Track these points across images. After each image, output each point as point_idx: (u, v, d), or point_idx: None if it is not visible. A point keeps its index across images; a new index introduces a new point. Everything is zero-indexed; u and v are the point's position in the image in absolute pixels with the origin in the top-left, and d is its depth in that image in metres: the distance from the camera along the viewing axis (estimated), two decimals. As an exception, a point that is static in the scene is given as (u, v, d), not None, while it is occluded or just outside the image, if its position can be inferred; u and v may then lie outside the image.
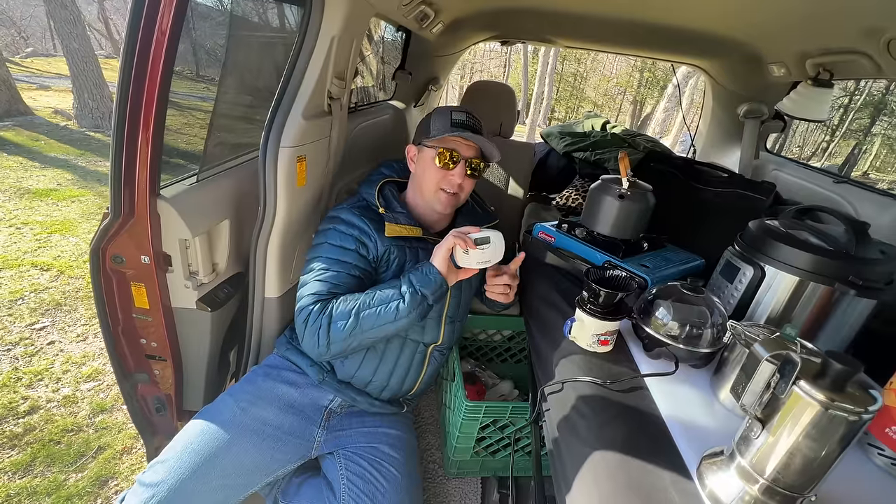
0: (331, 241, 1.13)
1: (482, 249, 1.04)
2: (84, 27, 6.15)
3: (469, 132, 1.12)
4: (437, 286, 1.05)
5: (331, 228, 1.15)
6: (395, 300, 1.04)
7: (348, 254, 1.12)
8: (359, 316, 1.03)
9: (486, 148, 1.16)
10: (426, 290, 1.04)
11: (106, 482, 1.50)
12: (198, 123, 3.79)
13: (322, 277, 1.09)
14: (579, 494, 0.68)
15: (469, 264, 1.06)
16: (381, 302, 1.04)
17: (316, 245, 1.16)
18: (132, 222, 0.99)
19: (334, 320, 1.04)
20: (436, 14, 1.74)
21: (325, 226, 1.17)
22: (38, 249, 2.92)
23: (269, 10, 1.46)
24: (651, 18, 1.70)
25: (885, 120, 12.49)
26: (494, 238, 1.04)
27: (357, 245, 1.13)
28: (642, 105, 20.39)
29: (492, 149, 1.15)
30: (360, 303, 1.05)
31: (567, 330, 0.97)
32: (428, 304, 1.06)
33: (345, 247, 1.12)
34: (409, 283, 1.05)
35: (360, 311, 1.04)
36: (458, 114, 1.17)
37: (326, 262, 1.11)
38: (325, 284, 1.09)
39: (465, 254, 1.03)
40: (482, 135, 1.16)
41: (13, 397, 1.78)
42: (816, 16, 1.28)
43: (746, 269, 0.97)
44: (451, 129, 1.12)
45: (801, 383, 0.54)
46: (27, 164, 4.47)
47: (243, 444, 1.08)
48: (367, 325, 1.04)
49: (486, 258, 1.05)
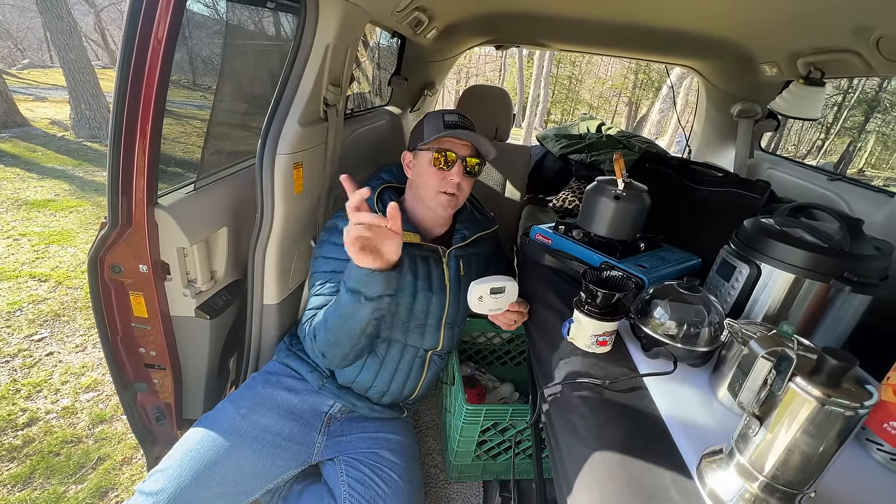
0: (325, 254, 1.17)
1: (496, 298, 1.08)
2: (80, 38, 6.16)
3: (462, 130, 1.13)
4: (361, 273, 0.93)
5: (325, 241, 1.18)
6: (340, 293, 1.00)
7: (343, 265, 1.12)
8: (326, 320, 1.04)
9: (481, 145, 1.17)
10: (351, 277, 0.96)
11: (106, 493, 1.49)
12: (195, 132, 3.80)
13: (318, 292, 1.14)
14: (580, 495, 0.68)
15: (482, 310, 1.10)
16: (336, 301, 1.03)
17: (314, 258, 1.20)
18: (130, 231, 0.99)
19: (317, 330, 1.08)
20: (430, 20, 1.75)
21: (322, 237, 1.20)
22: (35, 260, 2.92)
23: (265, 18, 1.48)
24: (643, 21, 1.71)
25: (878, 117, 12.57)
26: (510, 287, 1.09)
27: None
28: (637, 107, 20.49)
29: (486, 145, 1.16)
30: (327, 307, 1.06)
31: (565, 331, 0.98)
32: (361, 291, 0.95)
33: (340, 258, 1.13)
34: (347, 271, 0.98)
35: (327, 317, 1.05)
36: (449, 115, 1.18)
37: (323, 277, 1.15)
38: (320, 298, 1.13)
39: (480, 301, 1.07)
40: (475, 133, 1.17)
41: (12, 409, 1.77)
42: (807, 15, 1.29)
43: (742, 267, 0.98)
44: (445, 130, 1.13)
45: (797, 380, 0.54)
46: (24, 175, 4.47)
47: (243, 451, 1.08)
48: (335, 326, 1.02)
49: (499, 306, 1.10)
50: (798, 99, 1.56)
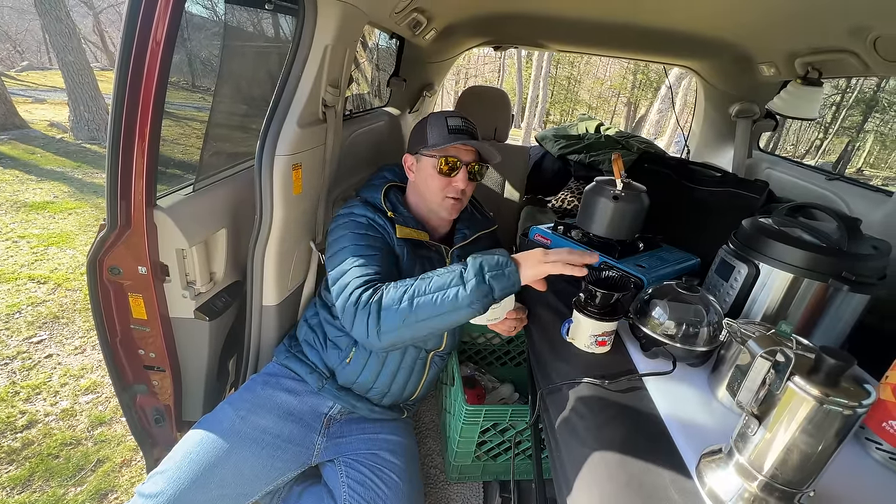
0: (355, 230, 1.09)
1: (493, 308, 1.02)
2: (79, 40, 6.16)
3: (467, 137, 1.14)
4: (511, 285, 0.91)
5: (349, 221, 1.11)
6: (454, 286, 0.90)
7: (377, 240, 1.10)
8: (412, 302, 0.91)
9: (485, 151, 1.18)
10: (496, 284, 0.90)
11: (105, 495, 1.49)
12: (193, 133, 3.80)
13: (362, 263, 1.01)
14: (580, 495, 0.68)
15: (481, 321, 1.05)
16: (438, 287, 0.91)
17: (338, 238, 1.09)
18: (129, 233, 0.99)
19: (385, 307, 0.93)
20: (428, 21, 1.75)
21: (342, 220, 1.12)
22: (34, 262, 2.92)
23: (264, 20, 1.48)
24: (642, 21, 1.71)
25: (876, 116, 12.59)
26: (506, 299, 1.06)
27: (381, 232, 1.12)
28: (636, 107, 20.51)
29: (491, 151, 1.17)
30: (416, 288, 0.92)
31: (565, 331, 0.98)
32: (493, 297, 0.91)
33: (369, 234, 1.10)
34: (477, 269, 0.90)
35: (413, 297, 0.91)
36: (453, 120, 1.17)
37: (359, 250, 1.04)
38: (370, 268, 1.01)
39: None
40: (477, 138, 1.17)
41: (11, 412, 1.77)
42: (804, 15, 1.30)
43: (741, 267, 0.98)
44: (450, 137, 1.13)
45: (795, 379, 0.54)
46: (23, 178, 4.46)
47: (243, 453, 1.08)
48: (423, 314, 0.91)
49: (497, 315, 1.05)
50: (796, 99, 1.57)
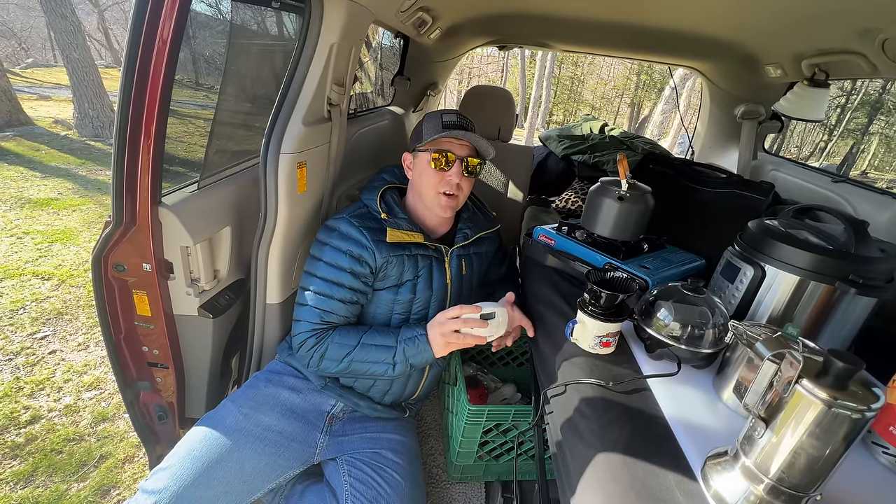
0: (326, 259, 1.13)
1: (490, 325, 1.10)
2: (84, 37, 6.18)
3: (460, 131, 1.13)
4: (425, 361, 1.14)
5: (326, 245, 1.13)
6: (386, 365, 1.12)
7: (343, 275, 1.12)
8: (350, 363, 1.11)
9: (480, 145, 1.16)
10: (415, 362, 1.13)
11: (108, 491, 1.49)
12: (198, 131, 3.81)
13: (317, 304, 1.12)
14: (584, 497, 0.68)
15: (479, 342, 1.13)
16: (372, 361, 1.12)
17: (313, 259, 1.15)
18: (134, 230, 0.99)
19: (327, 357, 1.11)
20: (433, 20, 1.75)
21: (322, 238, 1.15)
22: (39, 259, 2.93)
23: (269, 19, 1.48)
24: (647, 22, 1.71)
25: (882, 119, 12.51)
26: (500, 314, 1.10)
27: (351, 263, 1.12)
28: (640, 107, 20.46)
29: (485, 145, 1.16)
30: (353, 355, 1.11)
31: (568, 332, 0.97)
32: (411, 366, 1.14)
33: (340, 266, 1.12)
34: (402, 355, 1.12)
35: (352, 360, 1.11)
36: (448, 115, 1.17)
37: (321, 286, 1.12)
38: (321, 313, 1.12)
39: (471, 329, 1.09)
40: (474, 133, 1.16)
41: (14, 407, 1.78)
42: (812, 17, 1.29)
43: (747, 269, 0.98)
44: (443, 131, 1.13)
45: (803, 382, 0.54)
46: (28, 174, 4.48)
47: (246, 451, 1.08)
48: (358, 372, 1.14)
49: (491, 332, 1.11)
50: (802, 100, 1.55)
